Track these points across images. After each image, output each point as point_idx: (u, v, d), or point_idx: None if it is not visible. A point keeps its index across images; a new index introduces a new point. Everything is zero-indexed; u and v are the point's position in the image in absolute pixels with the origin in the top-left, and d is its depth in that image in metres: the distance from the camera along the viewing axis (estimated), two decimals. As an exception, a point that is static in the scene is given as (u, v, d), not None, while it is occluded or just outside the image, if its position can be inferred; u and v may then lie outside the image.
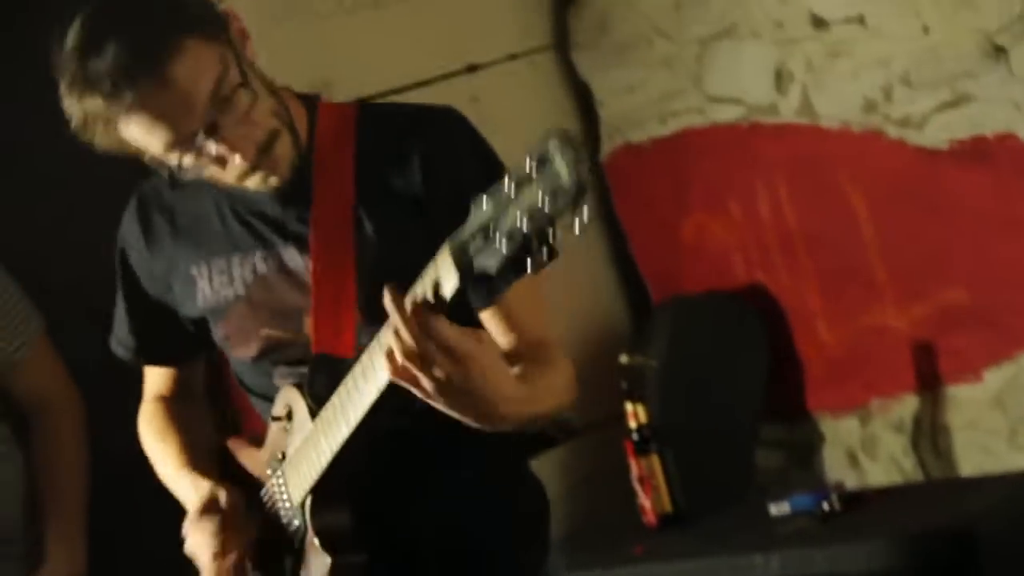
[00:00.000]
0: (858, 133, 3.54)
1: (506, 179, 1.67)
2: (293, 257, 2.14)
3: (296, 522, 2.14)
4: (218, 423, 2.72)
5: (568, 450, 3.74)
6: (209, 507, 2.21)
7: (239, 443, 2.31)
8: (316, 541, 2.08)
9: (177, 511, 2.28)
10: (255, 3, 3.50)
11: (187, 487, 2.28)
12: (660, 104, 3.87)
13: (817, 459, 3.76)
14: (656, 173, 3.92)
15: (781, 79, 3.64)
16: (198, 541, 2.21)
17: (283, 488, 2.16)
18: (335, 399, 2.01)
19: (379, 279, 1.85)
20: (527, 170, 1.65)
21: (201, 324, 2.26)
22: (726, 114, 3.76)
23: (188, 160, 2.04)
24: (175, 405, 2.41)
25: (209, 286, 2.20)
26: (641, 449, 3.53)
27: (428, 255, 1.79)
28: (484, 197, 1.70)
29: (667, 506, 3.51)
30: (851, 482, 3.61)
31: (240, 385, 2.30)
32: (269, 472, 2.19)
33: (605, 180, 3.99)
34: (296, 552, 2.16)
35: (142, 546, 3.22)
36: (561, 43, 4.01)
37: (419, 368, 1.81)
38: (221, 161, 2.04)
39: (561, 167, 1.62)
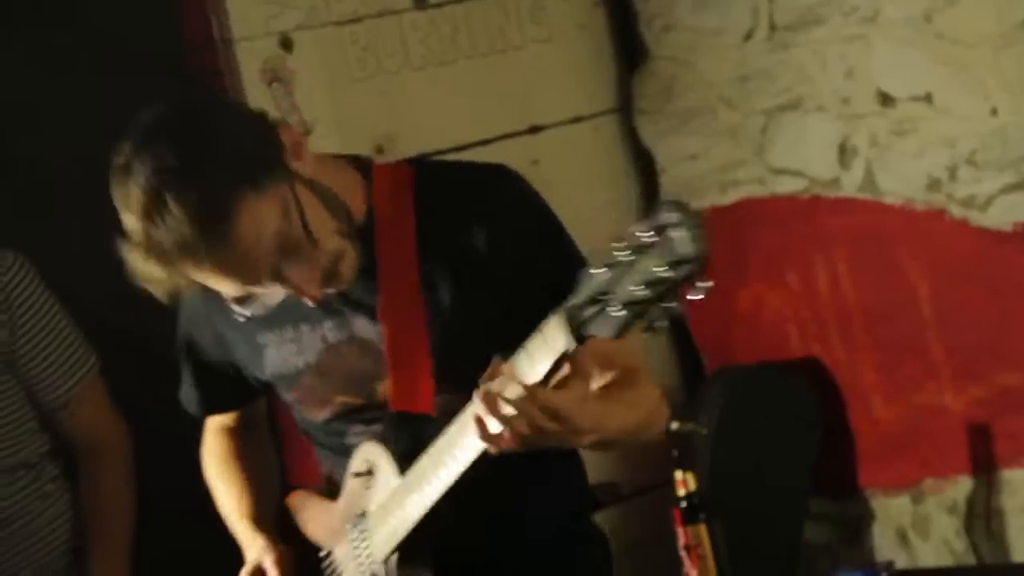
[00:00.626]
0: (921, 211, 3.52)
1: (620, 248, 1.71)
2: (363, 326, 2.15)
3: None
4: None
5: (615, 515, 3.72)
6: (260, 570, 2.27)
7: (302, 498, 2.31)
8: None
9: (220, 551, 2.30)
10: (325, 59, 3.54)
11: (243, 537, 2.33)
12: (721, 173, 3.87)
13: (867, 536, 3.72)
14: (714, 242, 3.90)
15: (845, 154, 3.63)
16: None
17: (364, 544, 2.17)
18: (427, 456, 2.04)
19: (450, 338, 2.00)
20: (645, 239, 1.69)
21: (269, 383, 2.30)
22: (788, 186, 3.75)
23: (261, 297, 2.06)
24: (238, 438, 2.47)
25: (278, 354, 2.23)
26: (689, 518, 3.49)
27: (496, 315, 1.91)
28: (597, 266, 1.75)
29: (713, 576, 3.47)
30: (901, 562, 3.57)
31: (304, 435, 2.32)
32: (348, 527, 2.20)
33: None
34: None
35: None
36: (625, 108, 4.02)
37: (538, 439, 1.90)
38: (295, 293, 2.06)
39: (683, 236, 1.67)
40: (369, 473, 2.15)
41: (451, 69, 3.74)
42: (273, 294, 2.05)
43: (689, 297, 1.70)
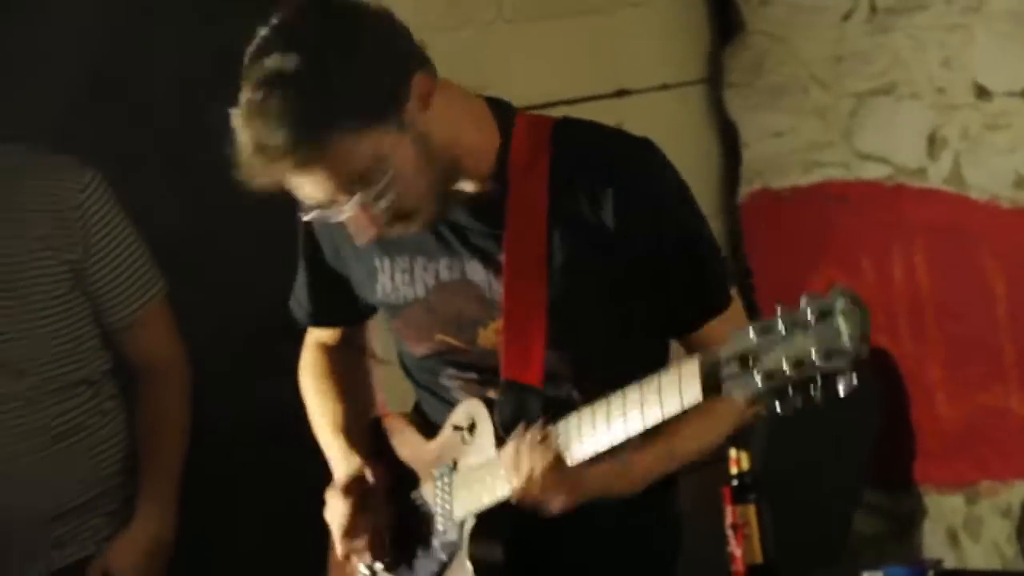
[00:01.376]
0: (1006, 208, 3.47)
1: (779, 317, 1.69)
2: (476, 270, 2.14)
3: (451, 536, 2.16)
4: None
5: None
6: (353, 485, 2.25)
7: (398, 423, 2.32)
8: (469, 566, 2.10)
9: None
10: (419, 10, 3.52)
11: (337, 455, 2.31)
12: (806, 153, 3.82)
13: (916, 533, 3.69)
14: (792, 222, 3.87)
15: (934, 144, 3.58)
16: (335, 513, 2.24)
17: (447, 497, 2.17)
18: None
19: (566, 314, 2.00)
20: (806, 316, 1.67)
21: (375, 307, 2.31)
22: (872, 172, 3.70)
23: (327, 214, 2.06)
24: (336, 356, 2.45)
25: (390, 282, 2.22)
26: (739, 497, 3.48)
27: (614, 294, 1.93)
28: (751, 327, 1.73)
29: (757, 557, 3.45)
30: (949, 561, 3.54)
31: (401, 366, 2.32)
32: (436, 473, 2.20)
33: (739, 221, 3.95)
34: (439, 561, 2.18)
35: (237, 516, 3.27)
36: (714, 79, 3.98)
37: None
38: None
39: (844, 329, 1.65)
40: (469, 431, 2.14)
41: (543, 25, 3.71)
42: (340, 215, 2.05)
43: (830, 392, 1.69)
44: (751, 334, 1.72)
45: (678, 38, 3.95)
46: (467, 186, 2.12)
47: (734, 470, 3.49)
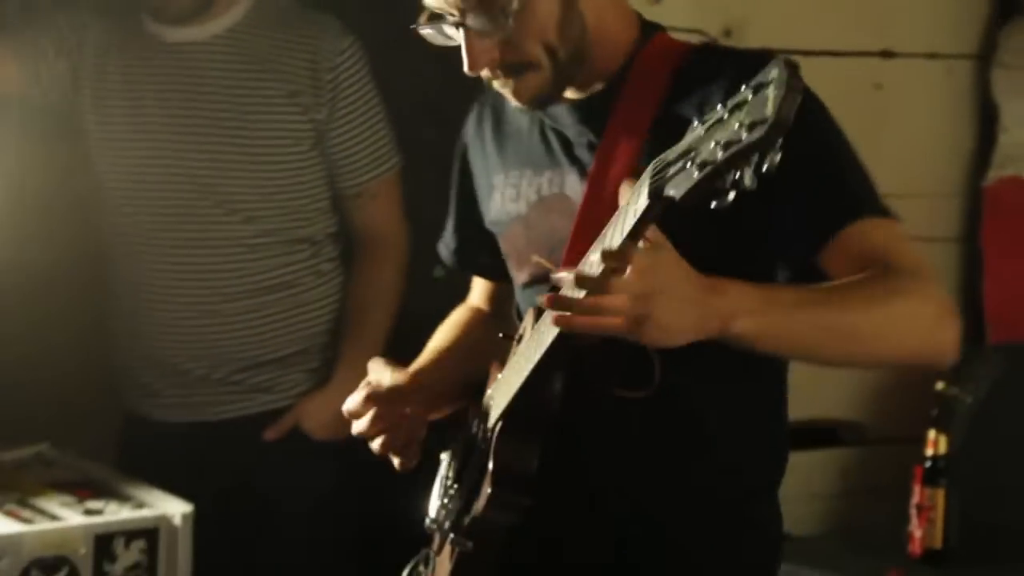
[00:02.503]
0: None
1: (724, 103, 1.52)
2: (573, 184, 1.99)
3: (483, 445, 2.04)
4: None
5: (852, 454, 3.67)
6: (375, 383, 2.13)
7: (496, 366, 2.15)
8: (490, 466, 1.95)
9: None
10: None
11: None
12: (1065, 148, 3.70)
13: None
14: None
15: None
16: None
17: (488, 406, 2.07)
18: (536, 327, 1.88)
19: None
20: (746, 95, 1.50)
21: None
22: None
23: (437, 38, 1.94)
24: (481, 318, 2.33)
25: (501, 197, 2.11)
26: (930, 479, 3.42)
27: (712, 217, 1.57)
28: (699, 120, 1.55)
29: (937, 542, 3.39)
30: None
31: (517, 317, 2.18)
32: (489, 391, 2.10)
33: (981, 204, 3.84)
34: (473, 480, 2.05)
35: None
36: (985, 57, 3.86)
37: (641, 304, 1.64)
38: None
39: (772, 96, 1.45)
40: (519, 340, 2.02)
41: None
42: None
43: (757, 171, 1.46)
44: (697, 127, 1.53)
45: (955, 9, 3.83)
46: (587, 82, 1.97)
47: (929, 451, 3.42)
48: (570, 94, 1.98)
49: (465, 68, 1.92)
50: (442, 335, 2.29)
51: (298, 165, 3.00)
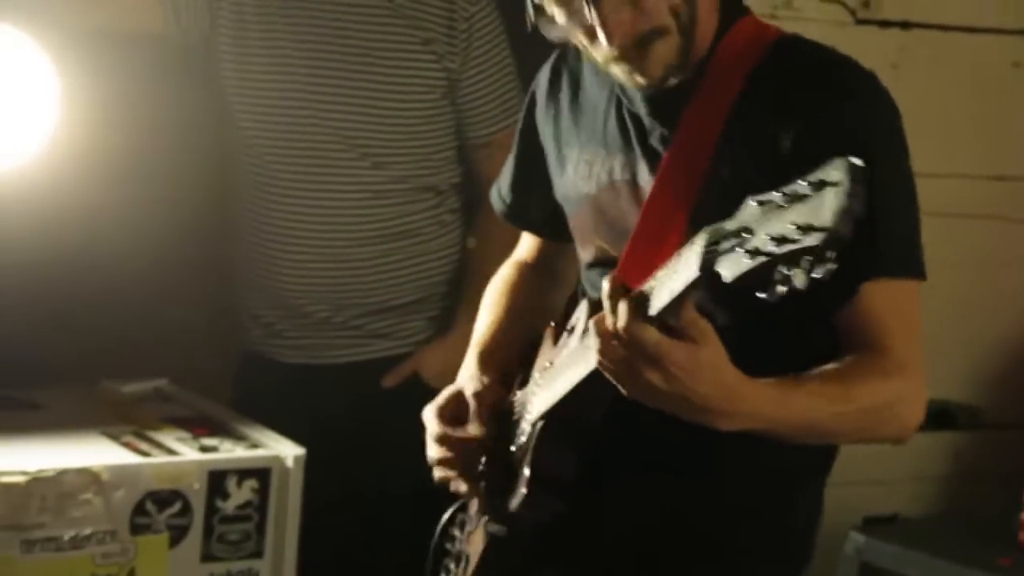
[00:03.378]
0: None
1: (783, 188, 1.47)
2: (645, 175, 1.97)
3: (523, 438, 2.03)
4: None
5: (968, 438, 3.61)
6: (447, 403, 2.16)
7: (548, 337, 2.14)
8: (527, 471, 1.96)
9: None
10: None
11: (462, 371, 2.22)
12: None
13: None
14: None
15: None
16: (428, 430, 2.17)
17: (532, 399, 2.05)
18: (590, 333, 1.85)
19: (710, 222, 1.63)
20: (803, 189, 1.45)
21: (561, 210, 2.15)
22: None
23: (561, 17, 1.90)
24: (524, 273, 2.32)
25: (573, 172, 2.08)
26: (1046, 467, 3.37)
27: None
28: (755, 199, 1.50)
29: (1051, 532, 3.34)
30: None
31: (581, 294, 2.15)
32: (536, 375, 2.08)
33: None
34: (513, 472, 2.03)
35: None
36: None
37: (622, 372, 1.69)
38: (591, 34, 1.88)
39: (831, 203, 1.40)
40: (571, 331, 2.01)
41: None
42: (576, 27, 1.89)
43: (810, 275, 1.43)
44: (754, 205, 1.50)
45: None
46: (676, 67, 1.91)
47: (1047, 439, 3.38)
48: (648, 83, 1.93)
49: (603, 42, 1.88)
50: (498, 304, 2.29)
51: (428, 113, 3.00)
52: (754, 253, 1.46)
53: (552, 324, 2.14)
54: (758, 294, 1.47)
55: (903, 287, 1.87)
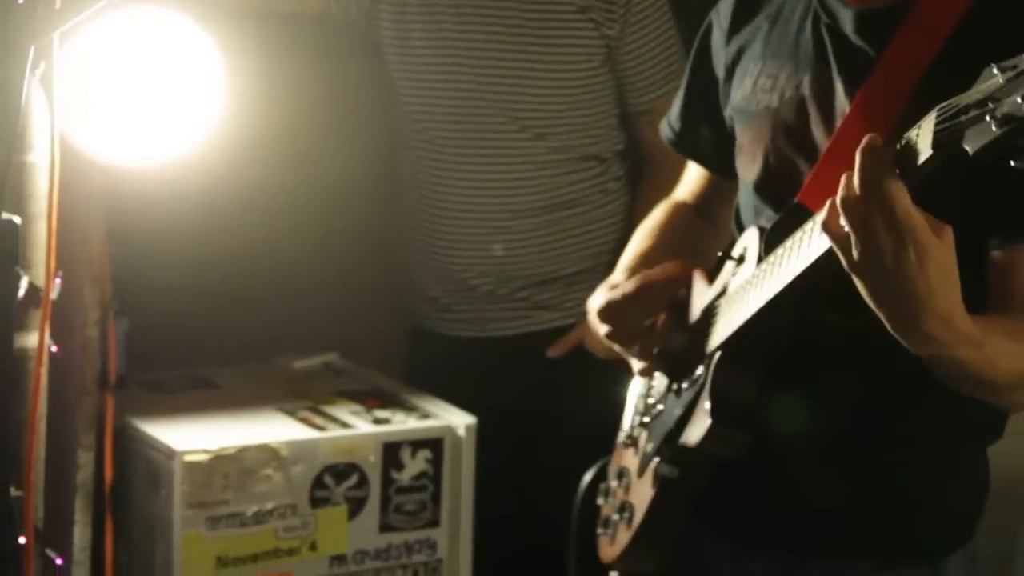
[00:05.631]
0: None
1: None
2: (840, 92, 1.88)
3: (699, 370, 1.97)
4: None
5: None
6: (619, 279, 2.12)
7: (700, 275, 2.08)
8: (707, 404, 1.90)
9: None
10: None
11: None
12: None
13: None
14: None
15: None
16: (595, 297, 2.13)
17: (706, 330, 1.98)
18: (776, 253, 1.80)
19: None
20: None
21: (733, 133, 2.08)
22: None
23: None
24: (685, 214, 2.27)
25: (753, 84, 1.99)
26: None
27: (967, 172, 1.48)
28: (997, 65, 1.42)
29: None
30: None
31: (736, 227, 2.07)
32: (700, 310, 2.02)
33: None
34: (684, 404, 1.99)
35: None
36: None
37: (856, 229, 1.55)
38: None
39: None
40: (741, 260, 1.93)
41: None
42: None
43: None
44: (996, 73, 1.40)
45: None
46: None
47: None
48: (857, 2, 1.87)
49: None
50: (651, 235, 2.25)
51: (589, 81, 2.99)
52: (1006, 120, 1.38)
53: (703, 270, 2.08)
54: (1012, 162, 1.39)
55: None
